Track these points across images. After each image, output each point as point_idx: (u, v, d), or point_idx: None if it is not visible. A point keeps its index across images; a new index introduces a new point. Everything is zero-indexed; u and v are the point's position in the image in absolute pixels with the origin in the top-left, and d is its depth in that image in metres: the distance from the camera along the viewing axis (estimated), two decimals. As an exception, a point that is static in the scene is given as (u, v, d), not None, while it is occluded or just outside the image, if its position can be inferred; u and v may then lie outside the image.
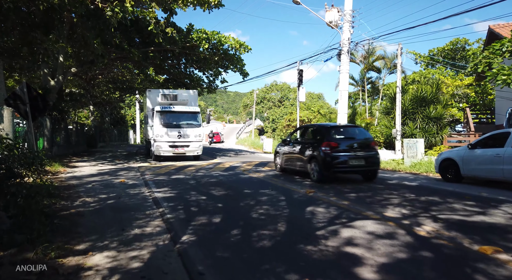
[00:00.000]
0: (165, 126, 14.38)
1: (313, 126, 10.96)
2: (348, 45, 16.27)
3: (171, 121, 14.65)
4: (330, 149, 8.45)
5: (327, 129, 9.22)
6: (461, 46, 30.27)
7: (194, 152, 14.89)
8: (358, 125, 11.72)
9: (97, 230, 4.63)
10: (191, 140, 14.59)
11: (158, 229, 4.62)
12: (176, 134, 14.38)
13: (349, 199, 6.48)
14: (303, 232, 4.39)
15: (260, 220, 5.02)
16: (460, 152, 8.73)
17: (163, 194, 7.17)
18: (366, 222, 4.74)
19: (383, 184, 8.52)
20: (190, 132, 14.58)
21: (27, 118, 10.65)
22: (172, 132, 14.33)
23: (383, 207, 5.70)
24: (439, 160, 9.26)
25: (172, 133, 14.33)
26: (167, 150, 14.35)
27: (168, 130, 14.30)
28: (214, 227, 4.75)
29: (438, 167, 9.26)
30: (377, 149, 9.32)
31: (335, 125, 9.95)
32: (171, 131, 14.34)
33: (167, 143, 14.29)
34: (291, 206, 5.90)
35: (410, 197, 6.63)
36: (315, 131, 10.03)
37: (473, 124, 18.21)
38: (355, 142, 8.89)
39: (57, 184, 8.32)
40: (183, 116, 14.96)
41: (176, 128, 14.48)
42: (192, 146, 14.64)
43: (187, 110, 15.01)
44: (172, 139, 14.33)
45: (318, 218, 5.04)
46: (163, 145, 14.29)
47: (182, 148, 14.50)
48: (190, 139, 14.57)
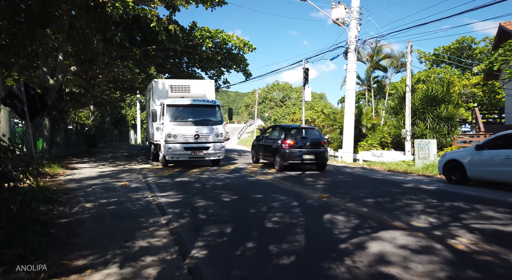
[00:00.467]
0: (179, 123, 11.62)
1: (279, 126, 13.25)
2: (355, 43, 15.84)
3: (186, 117, 11.86)
4: (288, 145, 11.14)
5: (288, 129, 11.93)
6: (468, 44, 29.80)
7: (215, 156, 12.07)
8: (313, 127, 14.00)
9: (97, 242, 4.20)
10: (211, 141, 11.81)
11: (164, 241, 4.19)
12: (192, 133, 11.56)
13: (367, 205, 6.04)
14: (325, 246, 3.95)
15: (275, 230, 4.58)
16: (466, 153, 8.45)
17: (168, 199, 6.74)
18: (394, 233, 4.30)
19: (399, 188, 8.08)
20: (210, 131, 11.82)
21: (25, 118, 10.24)
22: (188, 131, 11.57)
23: (407, 215, 5.26)
24: (443, 161, 9.03)
25: (187, 132, 11.55)
26: (182, 153, 11.58)
27: (183, 129, 11.57)
28: (225, 238, 4.31)
29: (442, 169, 9.01)
30: (326, 147, 12.11)
31: (295, 127, 12.65)
32: (187, 129, 11.58)
33: (181, 145, 11.51)
34: (306, 214, 5.46)
35: (433, 203, 6.19)
36: (280, 131, 12.47)
37: (483, 124, 17.76)
38: (309, 141, 11.54)
39: (56, 187, 7.90)
40: (201, 111, 12.07)
41: (193, 125, 11.68)
42: (212, 148, 11.83)
43: (205, 104, 12.10)
44: (188, 140, 11.55)
45: (339, 228, 4.61)
46: (176, 147, 11.51)
47: (200, 151, 11.66)
48: (210, 139, 11.81)
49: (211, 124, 11.91)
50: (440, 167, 9.13)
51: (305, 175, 10.46)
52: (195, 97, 12.57)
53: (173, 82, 13.27)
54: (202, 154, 11.79)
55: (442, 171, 9.05)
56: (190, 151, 11.61)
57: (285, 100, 60.71)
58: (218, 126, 11.98)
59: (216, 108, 12.24)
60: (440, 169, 9.11)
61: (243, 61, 19.25)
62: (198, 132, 11.63)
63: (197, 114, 11.99)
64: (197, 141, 11.62)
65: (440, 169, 9.14)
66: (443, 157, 9.20)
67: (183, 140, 11.52)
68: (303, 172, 11.33)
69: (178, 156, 11.64)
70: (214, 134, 11.85)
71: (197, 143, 11.65)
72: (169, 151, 11.50)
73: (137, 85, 28.70)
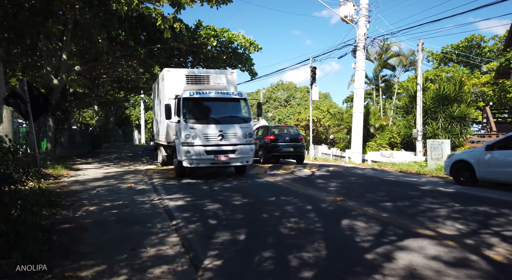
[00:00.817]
0: (199, 121, 9.30)
1: (264, 127, 15.58)
2: (364, 41, 15.50)
3: (208, 113, 9.67)
4: (270, 140, 13.51)
5: (270, 128, 14.63)
6: (477, 43, 29.23)
7: (243, 161, 9.60)
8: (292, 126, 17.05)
9: (103, 250, 3.92)
10: (238, 143, 9.44)
11: (174, 249, 3.90)
12: (216, 133, 9.26)
13: (387, 209, 5.72)
14: (349, 256, 3.64)
15: (292, 237, 4.28)
16: (475, 153, 8.21)
17: (175, 202, 6.46)
18: (422, 242, 3.98)
19: (415, 190, 7.74)
20: (236, 130, 9.50)
21: (28, 118, 10.02)
22: (210, 131, 9.26)
23: (431, 221, 4.93)
24: (451, 162, 8.80)
25: (210, 132, 9.25)
26: (203, 158, 9.16)
27: (204, 128, 9.23)
28: (239, 246, 4.01)
29: (450, 169, 8.81)
30: (303, 142, 14.31)
31: (276, 126, 15.67)
32: (209, 128, 9.27)
33: (202, 148, 9.13)
34: (323, 219, 5.15)
35: (455, 207, 5.85)
36: (264, 130, 14.75)
37: (495, 124, 17.32)
38: (288, 136, 14.10)
39: (59, 190, 7.66)
40: (225, 106, 9.92)
41: (216, 124, 9.38)
42: (240, 151, 9.41)
43: (230, 97, 9.88)
44: (210, 141, 9.23)
45: (361, 235, 4.29)
46: (196, 151, 9.08)
47: (225, 155, 9.27)
48: (237, 140, 9.45)
49: (238, 122, 9.61)
50: (447, 168, 8.95)
51: (315, 177, 10.14)
52: (215, 89, 10.27)
53: (190, 72, 10.85)
54: (227, 159, 9.32)
55: (449, 172, 8.86)
56: (213, 155, 9.19)
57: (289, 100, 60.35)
58: (246, 124, 9.68)
59: (243, 102, 10.04)
60: (447, 170, 8.93)
61: (249, 61, 18.97)
62: (223, 131, 9.30)
63: (221, 110, 9.79)
64: (221, 142, 9.28)
65: (447, 170, 8.96)
66: (450, 157, 9.02)
67: (204, 141, 9.16)
68: (312, 173, 11.02)
69: (199, 161, 9.15)
70: (241, 134, 9.50)
71: (221, 145, 9.27)
72: (187, 156, 9.06)
73: (141, 85, 28.52)
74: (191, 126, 9.15)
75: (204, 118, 9.49)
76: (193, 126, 9.16)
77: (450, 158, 9.00)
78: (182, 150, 9.10)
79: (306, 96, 55.07)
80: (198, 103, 9.63)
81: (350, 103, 41.36)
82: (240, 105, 10.07)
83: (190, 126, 9.15)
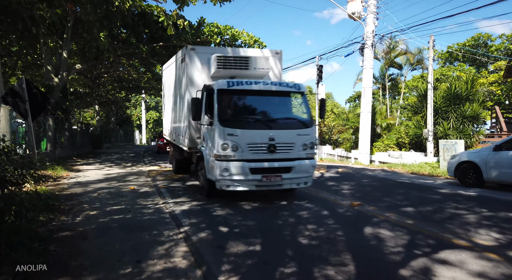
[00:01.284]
0: (242, 125, 6.32)
1: None
2: (372, 39, 15.10)
3: (254, 114, 6.76)
4: None
5: None
6: (483, 41, 28.79)
7: (300, 182, 6.52)
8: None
9: (105, 262, 3.53)
10: (296, 157, 6.38)
11: (184, 262, 3.50)
12: (264, 143, 6.20)
13: (409, 215, 5.31)
14: (381, 271, 3.24)
15: (313, 248, 3.88)
16: (482, 154, 7.93)
17: (181, 207, 6.07)
18: (460, 254, 3.57)
19: (434, 193, 7.33)
20: (294, 139, 6.38)
21: (26, 117, 9.64)
22: (258, 139, 6.21)
23: (462, 229, 4.53)
24: (455, 163, 8.48)
25: (257, 141, 6.20)
26: (246, 179, 6.11)
27: (249, 136, 6.20)
28: (256, 258, 3.62)
29: (454, 171, 8.49)
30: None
31: None
32: (256, 136, 6.23)
33: (246, 165, 6.10)
34: (344, 226, 4.75)
35: (484, 213, 5.45)
36: None
37: (505, 124, 16.89)
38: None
39: (58, 192, 7.27)
40: (276, 102, 7.03)
41: (265, 130, 6.30)
42: (298, 169, 6.32)
43: (284, 90, 6.83)
44: (257, 155, 6.19)
45: (389, 246, 3.89)
46: (236, 169, 6.08)
47: (277, 175, 6.20)
48: (294, 153, 6.36)
49: (296, 127, 6.49)
50: (451, 169, 8.63)
51: (326, 179, 9.74)
52: (257, 77, 7.37)
53: (222, 52, 7.74)
54: (280, 180, 6.17)
55: (453, 174, 8.55)
56: (260, 174, 6.09)
57: (291, 99, 59.76)
58: (308, 130, 6.51)
59: (300, 97, 7.00)
60: (451, 171, 8.61)
61: (253, 59, 18.58)
62: (275, 140, 6.17)
63: (271, 109, 6.86)
64: (272, 156, 6.18)
65: (450, 171, 8.65)
66: (454, 158, 8.70)
67: (249, 155, 6.12)
68: (322, 175, 10.61)
69: (239, 183, 6.11)
70: (300, 144, 6.35)
71: (272, 160, 6.18)
72: (223, 175, 6.04)
73: (143, 84, 28.19)
74: (230, 132, 6.03)
75: (249, 121, 6.44)
76: (232, 132, 6.04)
77: (454, 159, 8.68)
78: (215, 166, 6.04)
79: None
80: (239, 97, 6.74)
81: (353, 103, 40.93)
82: (296, 102, 7.27)
83: (228, 131, 6.04)
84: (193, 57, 7.73)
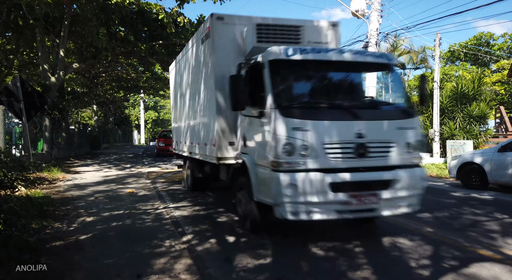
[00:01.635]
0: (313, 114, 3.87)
1: None
2: (376, 37, 14.77)
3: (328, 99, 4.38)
4: None
5: None
6: (486, 40, 28.57)
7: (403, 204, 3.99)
8: None
9: (102, 277, 3.21)
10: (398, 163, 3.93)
11: (189, 278, 3.17)
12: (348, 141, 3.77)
13: (427, 222, 5.00)
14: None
15: (329, 260, 3.56)
16: (486, 155, 7.71)
17: (183, 212, 5.74)
18: (492, 268, 3.26)
19: (448, 197, 7.03)
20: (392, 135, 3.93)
21: (21, 117, 9.31)
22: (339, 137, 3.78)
23: (487, 237, 4.22)
24: (458, 164, 8.23)
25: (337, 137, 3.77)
26: (325, 201, 3.66)
27: (325, 131, 3.76)
28: (268, 273, 3.29)
29: (456, 172, 8.25)
30: None
31: None
32: (335, 132, 3.79)
33: (323, 177, 3.65)
34: (356, 234, 4.43)
35: (506, 219, 5.14)
36: None
37: (510, 124, 16.60)
38: None
39: (53, 196, 6.93)
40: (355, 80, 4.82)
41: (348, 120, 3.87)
42: (403, 183, 3.86)
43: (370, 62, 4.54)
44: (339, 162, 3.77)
45: (413, 258, 3.57)
46: (312, 185, 3.61)
47: (371, 195, 3.79)
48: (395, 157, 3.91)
49: (392, 116, 4.13)
50: (453, 170, 8.38)
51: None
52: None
53: (263, 20, 5.21)
54: (376, 200, 3.83)
55: (455, 175, 8.31)
56: (347, 194, 3.74)
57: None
58: (410, 120, 4.10)
59: (392, 72, 4.72)
60: (453, 173, 8.37)
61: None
62: (364, 137, 3.82)
63: (350, 90, 4.82)
64: (361, 163, 3.86)
65: (452, 172, 8.41)
66: (455, 159, 8.45)
67: (326, 160, 3.75)
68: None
69: (314, 208, 3.71)
70: (403, 143, 3.97)
71: (361, 169, 3.88)
72: (291, 196, 3.64)
73: (141, 84, 27.83)
74: (295, 125, 3.74)
75: (322, 108, 4.10)
76: (300, 126, 3.74)
77: (456, 159, 8.42)
78: (274, 181, 3.71)
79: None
80: (305, 73, 4.58)
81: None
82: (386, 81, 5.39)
83: (294, 124, 3.75)
84: (221, 29, 5.31)
